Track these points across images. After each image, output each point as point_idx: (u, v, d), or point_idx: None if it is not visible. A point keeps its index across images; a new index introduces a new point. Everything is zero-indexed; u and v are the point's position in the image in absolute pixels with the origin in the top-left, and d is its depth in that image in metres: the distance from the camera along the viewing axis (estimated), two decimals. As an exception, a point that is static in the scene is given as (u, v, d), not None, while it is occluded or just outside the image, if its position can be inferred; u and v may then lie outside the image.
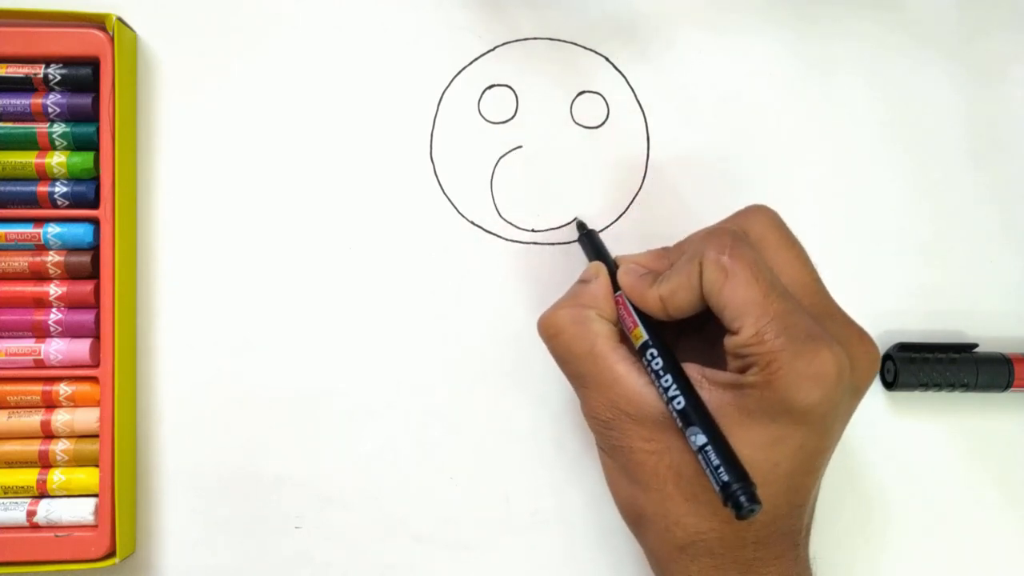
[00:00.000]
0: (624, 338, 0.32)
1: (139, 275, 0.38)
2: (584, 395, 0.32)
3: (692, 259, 0.30)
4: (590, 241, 0.37)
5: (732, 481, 0.27)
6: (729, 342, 0.29)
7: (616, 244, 0.39)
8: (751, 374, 0.29)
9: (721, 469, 0.27)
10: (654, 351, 0.31)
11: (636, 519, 0.32)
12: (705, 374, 0.30)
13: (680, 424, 0.29)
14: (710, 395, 0.29)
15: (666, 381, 0.30)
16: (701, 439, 0.28)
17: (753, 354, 0.28)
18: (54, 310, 0.36)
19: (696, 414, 0.29)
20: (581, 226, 0.38)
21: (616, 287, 0.33)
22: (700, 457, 0.28)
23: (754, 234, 0.32)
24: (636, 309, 0.32)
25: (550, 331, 0.33)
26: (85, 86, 0.36)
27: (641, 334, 0.31)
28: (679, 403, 0.29)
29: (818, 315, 0.30)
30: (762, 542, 0.30)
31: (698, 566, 0.30)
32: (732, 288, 0.29)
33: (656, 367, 0.30)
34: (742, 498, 0.27)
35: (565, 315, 0.32)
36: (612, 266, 0.34)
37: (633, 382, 0.31)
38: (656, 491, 0.30)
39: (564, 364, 0.33)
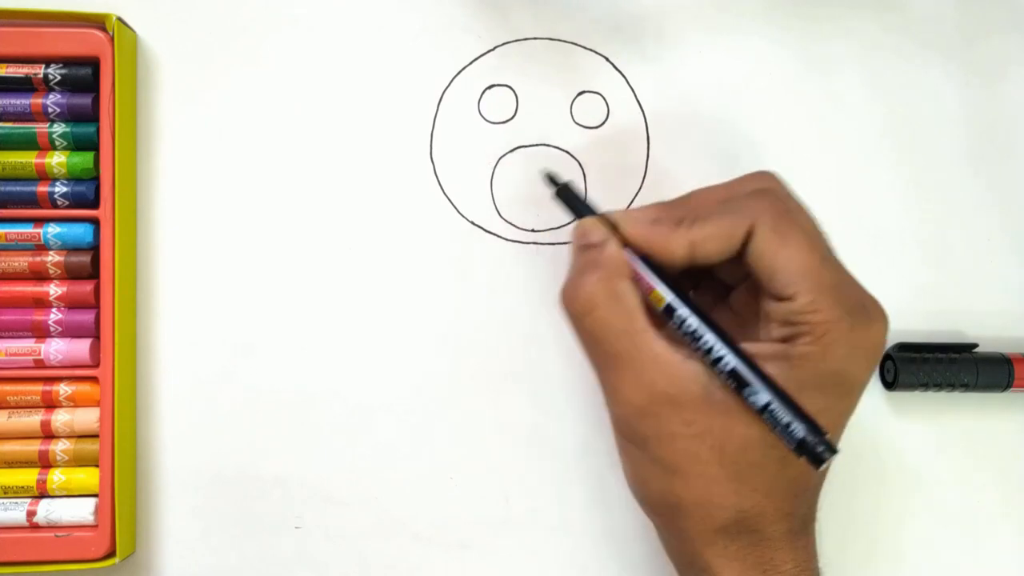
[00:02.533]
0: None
1: (139, 275, 0.38)
2: (615, 379, 0.30)
3: (738, 212, 0.29)
4: (568, 196, 0.32)
5: (809, 433, 0.26)
6: (779, 308, 0.28)
7: (616, 244, 0.39)
8: (803, 344, 0.28)
9: (793, 426, 0.26)
10: (683, 311, 0.28)
11: (669, 509, 0.30)
12: (745, 347, 0.29)
13: (733, 385, 0.27)
14: None
15: (705, 342, 0.28)
16: (764, 397, 0.27)
17: (808, 323, 0.28)
18: (54, 310, 0.36)
19: (751, 370, 0.27)
20: (552, 180, 0.33)
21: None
22: (766, 417, 0.27)
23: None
24: (651, 268, 0.29)
25: (584, 307, 0.29)
26: (85, 86, 0.36)
27: (662, 296, 0.29)
28: (727, 364, 0.27)
29: (854, 283, 0.30)
30: (796, 513, 0.30)
31: (737, 544, 0.29)
32: (788, 253, 0.28)
33: (689, 329, 0.28)
34: (822, 450, 0.26)
35: (597, 288, 0.29)
36: (608, 221, 0.31)
37: (672, 359, 0.29)
38: (697, 476, 0.29)
39: (595, 344, 0.30)
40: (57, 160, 0.36)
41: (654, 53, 0.39)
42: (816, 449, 0.26)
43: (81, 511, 0.36)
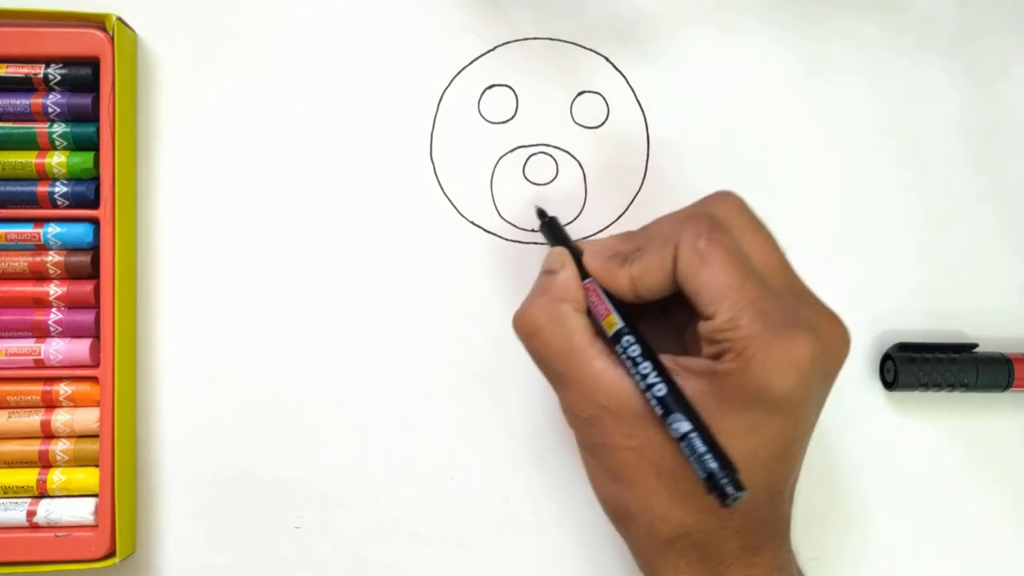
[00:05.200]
0: (598, 329, 0.32)
1: (139, 275, 0.38)
2: (563, 393, 0.32)
3: (666, 242, 0.30)
4: (552, 229, 0.36)
5: (717, 469, 0.27)
6: (704, 327, 0.29)
7: (616, 244, 0.39)
8: (726, 360, 0.28)
9: (706, 457, 0.27)
10: (630, 338, 0.30)
11: (621, 516, 0.32)
12: (679, 362, 0.30)
13: (660, 412, 0.28)
14: (685, 383, 0.29)
15: (644, 368, 0.29)
16: (684, 426, 0.28)
17: (728, 339, 0.28)
18: (54, 310, 0.36)
19: (676, 402, 0.28)
20: (542, 214, 0.37)
21: (583, 274, 0.32)
22: (683, 446, 0.28)
23: (723, 218, 0.31)
24: (608, 296, 0.31)
25: (527, 330, 0.32)
26: (85, 86, 0.36)
27: (615, 321, 0.31)
28: (659, 391, 0.28)
29: (789, 298, 0.30)
30: (745, 531, 0.30)
31: (685, 560, 0.30)
32: (709, 273, 0.29)
33: (633, 354, 0.30)
34: (728, 486, 0.26)
35: (540, 312, 0.32)
36: (576, 251, 0.33)
37: (611, 376, 0.30)
38: (640, 487, 0.30)
39: (542, 363, 0.32)
40: (57, 160, 0.36)
41: (654, 53, 0.39)
42: (723, 484, 0.27)
43: (81, 511, 0.36)
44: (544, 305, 0.32)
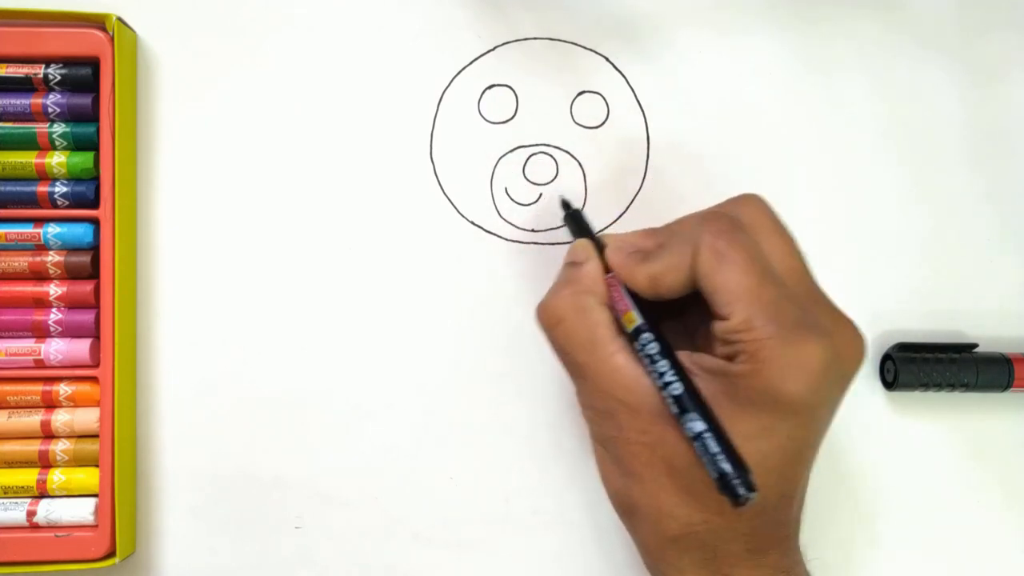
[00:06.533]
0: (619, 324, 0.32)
1: (139, 275, 0.38)
2: (582, 385, 0.32)
3: (686, 241, 0.30)
4: (575, 220, 0.36)
5: (731, 469, 0.27)
6: (718, 327, 0.29)
7: (616, 244, 0.39)
8: (739, 362, 0.28)
9: (719, 457, 0.27)
10: (648, 335, 0.30)
11: (629, 511, 0.32)
12: (695, 360, 0.30)
13: (676, 411, 0.29)
14: (700, 383, 0.29)
15: (662, 367, 0.29)
16: (699, 426, 0.28)
17: (742, 341, 0.28)
18: (54, 310, 0.36)
19: (692, 401, 0.28)
20: (566, 205, 0.37)
21: (605, 268, 0.32)
22: (697, 445, 0.28)
23: (747, 219, 0.31)
24: (628, 291, 0.31)
25: (551, 320, 0.32)
26: (85, 86, 0.36)
27: (634, 318, 0.31)
28: (675, 389, 0.29)
29: (806, 303, 0.30)
30: (753, 533, 0.30)
31: (690, 558, 0.30)
32: (726, 273, 0.29)
33: (651, 352, 0.30)
34: (739, 487, 0.27)
35: (566, 303, 0.32)
36: (599, 244, 0.33)
37: (631, 372, 0.30)
38: (650, 482, 0.30)
39: (564, 354, 0.32)
40: (57, 160, 0.36)
41: (654, 53, 0.39)
42: (735, 486, 0.27)
43: (81, 511, 0.36)
44: (569, 296, 0.32)
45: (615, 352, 0.31)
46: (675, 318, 0.33)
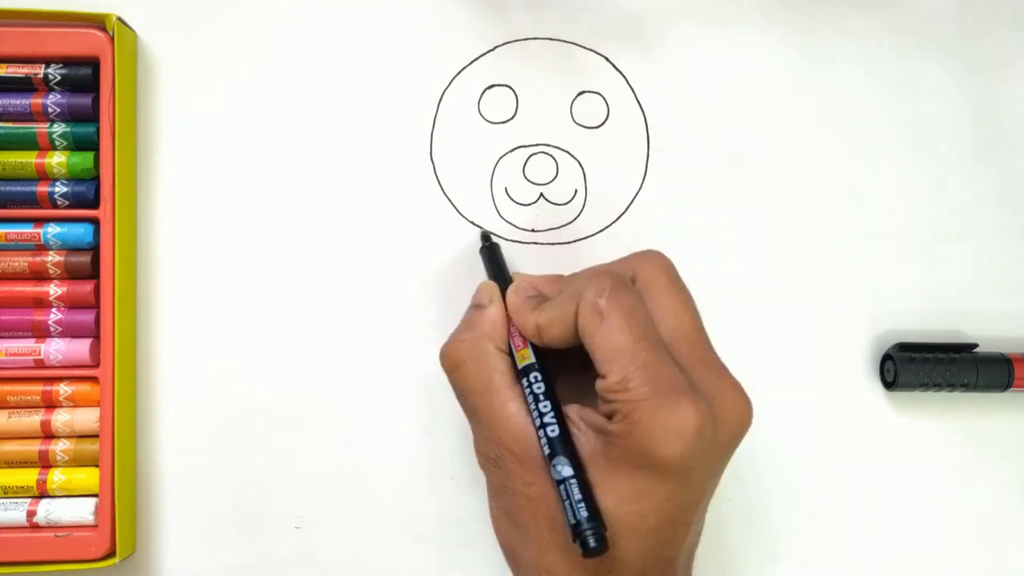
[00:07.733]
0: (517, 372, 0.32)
1: (139, 275, 0.38)
2: (476, 431, 0.32)
3: (571, 296, 0.30)
4: (490, 255, 0.36)
5: (585, 519, 0.27)
6: (599, 384, 0.29)
7: (616, 245, 0.39)
8: (615, 421, 0.28)
9: (579, 504, 0.27)
10: (537, 374, 0.30)
11: (515, 564, 0.31)
12: (583, 415, 0.30)
13: (547, 452, 0.29)
14: (584, 437, 0.29)
15: (543, 407, 0.29)
16: (566, 471, 0.28)
17: (618, 400, 0.28)
18: (54, 310, 0.36)
19: (564, 446, 0.28)
20: (485, 237, 0.38)
21: None
22: (561, 489, 0.28)
23: (643, 277, 0.31)
24: None
25: (451, 363, 0.32)
26: (85, 86, 0.36)
27: (528, 355, 0.31)
28: (552, 431, 0.29)
29: (693, 364, 0.30)
30: None
31: None
32: (605, 332, 0.29)
33: (537, 391, 0.30)
34: (591, 538, 0.27)
35: (466, 347, 0.32)
36: (508, 283, 0.34)
37: (522, 421, 0.30)
38: (534, 537, 0.30)
39: (461, 397, 0.32)
40: (57, 160, 0.36)
41: (654, 53, 0.39)
42: (587, 536, 0.27)
43: (81, 511, 0.36)
44: (469, 341, 0.32)
45: (509, 400, 0.31)
46: (586, 368, 0.32)
